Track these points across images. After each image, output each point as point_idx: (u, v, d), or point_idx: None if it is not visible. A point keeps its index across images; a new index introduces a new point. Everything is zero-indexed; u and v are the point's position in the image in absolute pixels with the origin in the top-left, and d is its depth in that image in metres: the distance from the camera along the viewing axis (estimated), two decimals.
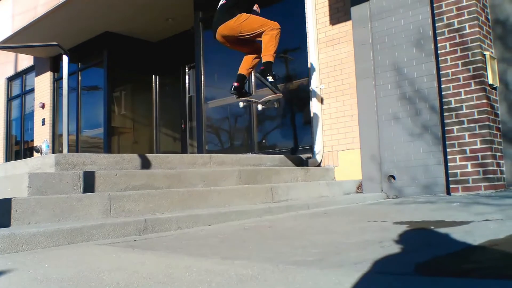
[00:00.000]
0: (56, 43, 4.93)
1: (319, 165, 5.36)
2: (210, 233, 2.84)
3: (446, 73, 4.31)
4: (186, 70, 9.30)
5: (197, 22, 7.62)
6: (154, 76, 10.03)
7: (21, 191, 3.07)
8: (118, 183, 3.51)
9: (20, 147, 12.11)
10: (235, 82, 4.50)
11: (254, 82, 6.52)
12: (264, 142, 6.63)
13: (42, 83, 10.98)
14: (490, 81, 4.20)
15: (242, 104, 4.74)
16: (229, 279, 1.60)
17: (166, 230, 2.98)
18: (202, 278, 1.63)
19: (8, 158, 12.11)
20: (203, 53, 7.50)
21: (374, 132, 4.81)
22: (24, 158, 8.97)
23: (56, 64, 10.72)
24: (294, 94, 6.15)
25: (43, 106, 10.81)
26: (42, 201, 2.86)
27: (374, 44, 4.89)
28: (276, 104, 4.97)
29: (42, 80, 10.99)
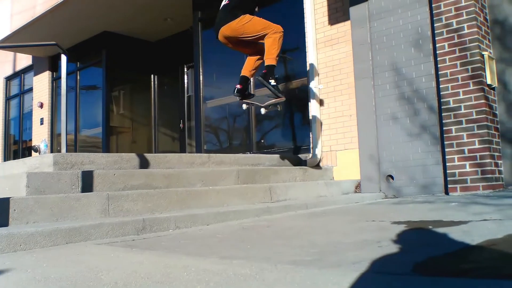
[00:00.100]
0: (54, 43, 4.93)
1: (318, 165, 5.36)
2: (209, 232, 2.84)
3: (444, 73, 4.32)
4: (185, 70, 9.29)
5: (196, 22, 7.62)
6: (152, 75, 10.02)
7: (19, 191, 3.07)
8: (116, 183, 3.51)
9: (18, 147, 12.09)
10: (238, 85, 4.41)
11: (253, 82, 6.51)
12: (262, 141, 6.63)
13: (41, 83, 10.96)
14: (489, 81, 4.21)
15: (246, 106, 4.69)
16: (227, 279, 1.60)
17: (165, 229, 2.98)
18: (200, 277, 1.63)
19: (6, 158, 12.09)
20: (202, 52, 7.50)
21: (373, 132, 4.82)
22: (22, 157, 8.96)
23: (54, 63, 10.70)
24: (293, 94, 6.15)
25: (42, 106, 10.80)
26: (40, 200, 2.86)
27: (372, 44, 4.89)
28: (279, 107, 4.93)
29: (41, 79, 10.97)
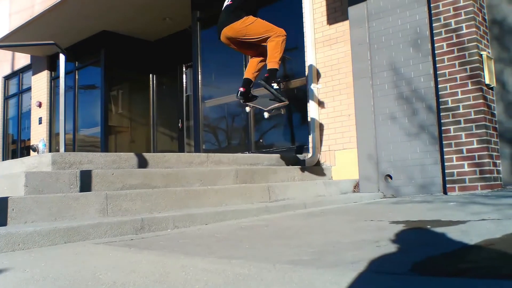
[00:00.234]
0: (53, 42, 4.91)
1: (316, 164, 5.36)
2: (207, 232, 2.84)
3: (443, 73, 4.32)
4: (184, 69, 9.28)
5: (194, 22, 7.61)
6: (151, 75, 10.01)
7: (17, 190, 3.06)
8: (115, 182, 3.50)
9: (17, 146, 12.08)
10: (241, 87, 4.35)
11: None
12: (261, 141, 6.63)
13: (39, 82, 10.94)
14: (487, 81, 4.22)
15: (249, 109, 4.65)
16: (225, 278, 1.60)
17: (163, 229, 2.97)
18: (198, 277, 1.63)
19: (5, 157, 12.08)
20: (201, 52, 7.50)
21: (371, 131, 4.82)
22: (21, 157, 8.94)
23: (53, 63, 10.69)
24: (291, 93, 6.15)
25: (40, 105, 10.78)
26: (39, 200, 2.85)
27: (371, 44, 4.89)
28: (282, 111, 4.84)
29: (39, 79, 10.95)
